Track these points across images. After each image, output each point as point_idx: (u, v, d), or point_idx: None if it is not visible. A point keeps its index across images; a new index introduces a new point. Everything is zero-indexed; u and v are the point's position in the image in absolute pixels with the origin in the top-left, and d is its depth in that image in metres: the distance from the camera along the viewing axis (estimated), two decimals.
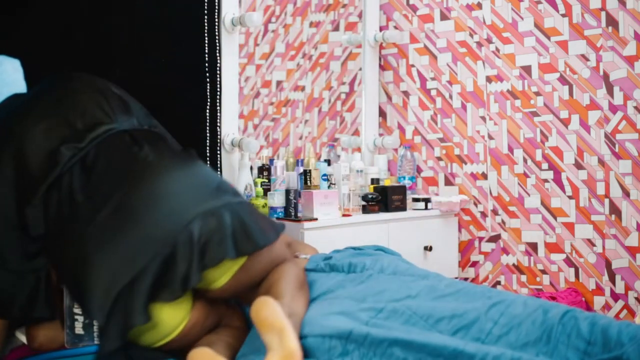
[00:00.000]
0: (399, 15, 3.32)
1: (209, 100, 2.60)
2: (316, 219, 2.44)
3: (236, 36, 2.67)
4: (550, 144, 2.88)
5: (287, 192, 2.47)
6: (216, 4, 2.60)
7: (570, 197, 2.84)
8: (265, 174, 2.65)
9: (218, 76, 2.61)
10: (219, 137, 2.62)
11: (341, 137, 3.30)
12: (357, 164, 2.82)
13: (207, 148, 2.60)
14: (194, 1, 2.57)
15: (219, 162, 2.62)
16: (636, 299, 2.69)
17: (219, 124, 2.62)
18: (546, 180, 2.89)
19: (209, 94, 2.60)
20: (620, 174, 2.72)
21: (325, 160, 2.89)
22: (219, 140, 2.62)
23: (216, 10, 2.60)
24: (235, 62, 2.68)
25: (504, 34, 3.00)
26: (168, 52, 2.52)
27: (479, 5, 3.08)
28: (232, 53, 2.65)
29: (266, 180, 2.63)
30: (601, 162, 2.76)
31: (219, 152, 2.62)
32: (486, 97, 3.06)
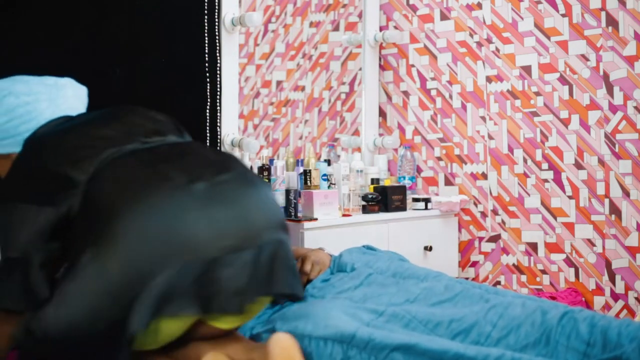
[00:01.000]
0: (399, 15, 3.32)
1: (209, 100, 2.60)
2: (316, 219, 2.44)
3: (236, 36, 2.67)
4: (550, 144, 2.88)
5: (287, 192, 2.47)
6: (216, 4, 2.60)
7: (570, 197, 2.84)
8: (265, 174, 2.65)
9: (218, 76, 2.61)
10: (219, 137, 2.62)
11: (341, 137, 3.30)
12: (357, 164, 2.82)
13: None
14: (194, 1, 2.57)
15: None
16: (636, 299, 2.69)
17: (219, 124, 2.62)
18: (546, 180, 2.89)
19: (209, 94, 2.60)
20: (620, 174, 2.72)
21: (325, 160, 2.88)
22: (219, 140, 2.62)
23: (216, 10, 2.60)
24: (235, 62, 2.68)
25: (504, 34, 3.00)
26: (168, 52, 2.52)
27: (479, 5, 3.08)
28: (232, 53, 2.65)
29: (266, 180, 2.63)
30: (601, 162, 2.76)
31: None
32: (486, 97, 3.06)
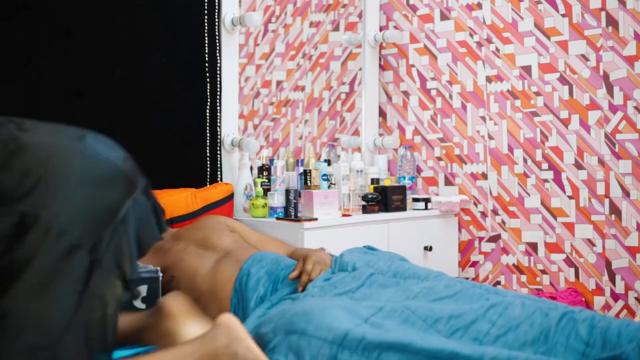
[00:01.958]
0: (399, 15, 3.32)
1: (209, 100, 2.60)
2: (316, 219, 2.44)
3: (236, 36, 2.67)
4: (550, 144, 2.88)
5: (287, 192, 2.47)
6: (216, 4, 2.60)
7: (570, 197, 2.84)
8: (265, 174, 2.65)
9: (218, 76, 2.61)
10: (219, 137, 2.62)
11: (341, 137, 3.30)
12: (357, 164, 2.82)
13: (207, 148, 2.61)
14: (194, 1, 2.58)
15: (219, 162, 2.63)
16: (636, 299, 2.69)
17: (219, 124, 2.62)
18: (546, 180, 2.89)
19: (209, 93, 2.61)
20: (620, 174, 2.72)
21: (325, 160, 2.89)
22: (219, 140, 2.62)
23: (216, 10, 2.60)
24: (235, 62, 2.68)
25: (504, 34, 3.00)
26: (168, 52, 2.52)
27: (479, 5, 3.08)
28: (232, 53, 2.66)
29: (266, 180, 2.63)
30: (601, 162, 2.76)
31: (219, 152, 2.62)
32: (486, 97, 3.06)
